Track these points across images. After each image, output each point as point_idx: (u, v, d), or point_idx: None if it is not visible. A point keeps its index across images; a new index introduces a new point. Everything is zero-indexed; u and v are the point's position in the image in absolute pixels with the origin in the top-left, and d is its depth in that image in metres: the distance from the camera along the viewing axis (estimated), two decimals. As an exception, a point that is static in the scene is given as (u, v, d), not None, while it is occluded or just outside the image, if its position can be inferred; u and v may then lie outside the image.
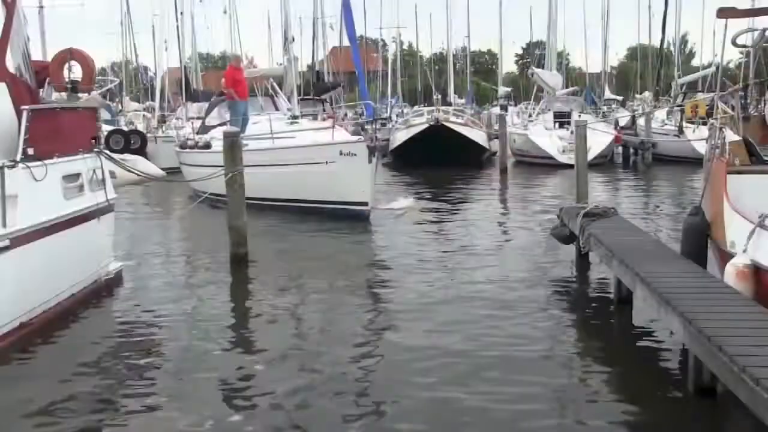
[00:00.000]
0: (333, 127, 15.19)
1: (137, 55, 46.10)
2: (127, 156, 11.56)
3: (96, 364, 6.46)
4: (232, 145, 10.27)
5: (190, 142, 18.90)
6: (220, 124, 17.51)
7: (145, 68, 48.10)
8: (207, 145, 17.34)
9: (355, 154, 13.48)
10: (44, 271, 7.45)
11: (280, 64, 21.63)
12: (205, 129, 19.20)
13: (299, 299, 8.81)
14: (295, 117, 17.55)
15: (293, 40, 19.57)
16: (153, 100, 33.48)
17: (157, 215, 16.60)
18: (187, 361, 6.59)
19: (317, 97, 22.07)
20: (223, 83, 18.21)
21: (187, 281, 9.78)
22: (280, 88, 19.99)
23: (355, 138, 14.18)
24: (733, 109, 9.13)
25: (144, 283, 9.53)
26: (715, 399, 5.32)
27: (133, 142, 25.94)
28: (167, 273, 10.17)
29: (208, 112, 20.31)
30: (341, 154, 13.64)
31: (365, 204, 13.76)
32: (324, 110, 20.96)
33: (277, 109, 19.37)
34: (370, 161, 13.48)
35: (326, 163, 13.80)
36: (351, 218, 13.63)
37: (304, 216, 14.04)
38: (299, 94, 19.22)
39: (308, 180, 14.20)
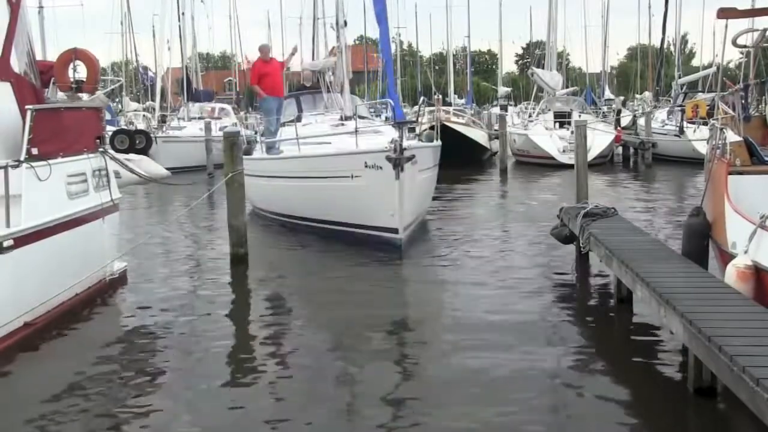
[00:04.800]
0: (356, 131, 11.68)
1: (137, 55, 46.13)
2: (132, 156, 11.54)
3: (100, 364, 6.49)
4: (232, 146, 10.25)
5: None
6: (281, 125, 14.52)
7: (145, 68, 48.09)
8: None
9: (381, 167, 10.50)
10: (48, 270, 7.48)
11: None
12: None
13: (299, 300, 8.83)
14: (347, 117, 14.02)
15: (345, 24, 15.40)
16: (153, 100, 33.53)
17: (161, 214, 16.62)
18: (190, 361, 6.62)
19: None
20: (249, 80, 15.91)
21: (190, 281, 9.80)
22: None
23: (381, 147, 10.83)
24: (733, 109, 9.13)
25: (148, 283, 9.54)
26: (715, 399, 5.34)
27: (138, 142, 25.91)
28: (171, 273, 10.21)
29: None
30: (366, 166, 10.76)
31: (395, 231, 10.79)
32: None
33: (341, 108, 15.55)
34: (397, 177, 10.34)
35: (351, 176, 10.97)
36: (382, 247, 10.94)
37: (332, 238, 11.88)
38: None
39: (334, 196, 11.53)
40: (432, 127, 14.01)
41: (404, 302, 8.74)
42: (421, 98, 20.79)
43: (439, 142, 13.34)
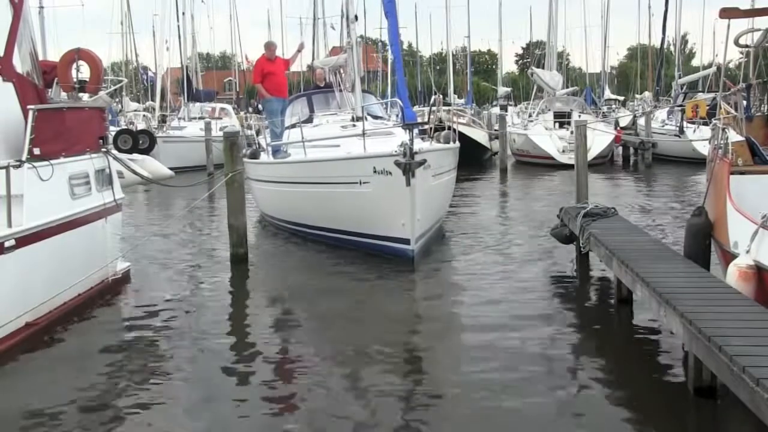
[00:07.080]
0: (363, 133, 10.76)
1: (137, 55, 46.20)
2: (136, 156, 11.54)
3: (101, 364, 6.50)
4: (232, 146, 10.26)
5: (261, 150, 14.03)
6: (290, 126, 13.55)
7: (145, 68, 48.14)
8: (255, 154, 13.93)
9: (390, 173, 9.83)
10: (50, 270, 7.49)
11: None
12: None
13: (298, 301, 8.84)
14: (359, 118, 12.60)
15: (356, 18, 14.26)
16: (153, 100, 33.55)
17: (163, 214, 16.62)
18: (192, 362, 6.64)
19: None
20: (252, 78, 15.11)
21: (191, 281, 9.83)
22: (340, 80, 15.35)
23: (391, 150, 9.91)
24: (736, 109, 9.14)
25: (150, 283, 9.57)
26: (715, 399, 5.35)
27: (142, 142, 25.87)
28: (173, 272, 10.23)
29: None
30: (375, 171, 10.07)
31: (406, 241, 10.16)
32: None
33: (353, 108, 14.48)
34: (408, 183, 9.59)
35: (360, 182, 10.29)
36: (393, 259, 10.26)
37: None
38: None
39: (341, 204, 10.85)
40: (449, 127, 13.51)
41: (409, 306, 8.73)
42: (433, 98, 20.10)
43: (457, 144, 12.70)
